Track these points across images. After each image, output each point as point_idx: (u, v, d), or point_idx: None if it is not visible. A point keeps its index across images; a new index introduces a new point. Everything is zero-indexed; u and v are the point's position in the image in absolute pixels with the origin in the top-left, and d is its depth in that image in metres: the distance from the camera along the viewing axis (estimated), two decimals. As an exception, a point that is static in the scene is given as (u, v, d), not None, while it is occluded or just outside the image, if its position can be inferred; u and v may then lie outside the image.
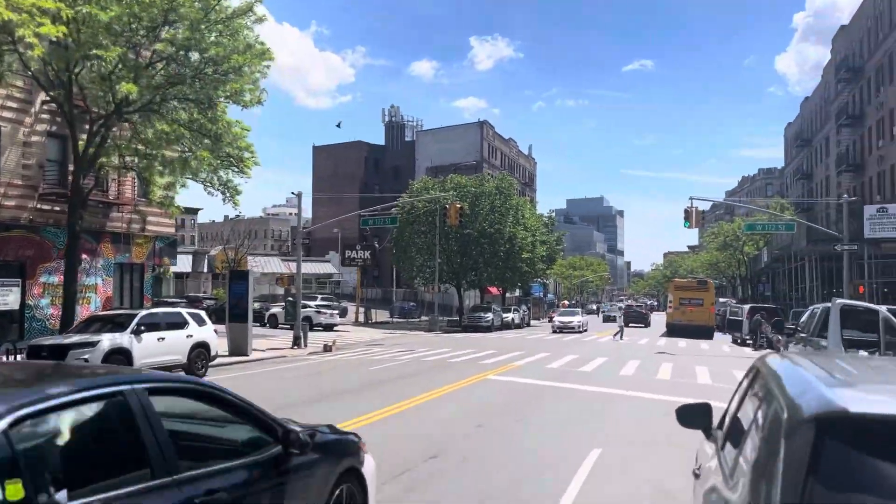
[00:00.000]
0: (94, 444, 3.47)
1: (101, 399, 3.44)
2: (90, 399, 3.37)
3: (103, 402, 3.45)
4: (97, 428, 3.47)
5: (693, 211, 30.94)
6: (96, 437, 3.49)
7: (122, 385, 3.55)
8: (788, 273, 45.09)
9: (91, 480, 3.11)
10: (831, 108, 59.87)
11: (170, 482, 3.44)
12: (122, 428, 3.48)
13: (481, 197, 51.01)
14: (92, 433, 3.45)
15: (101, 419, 3.45)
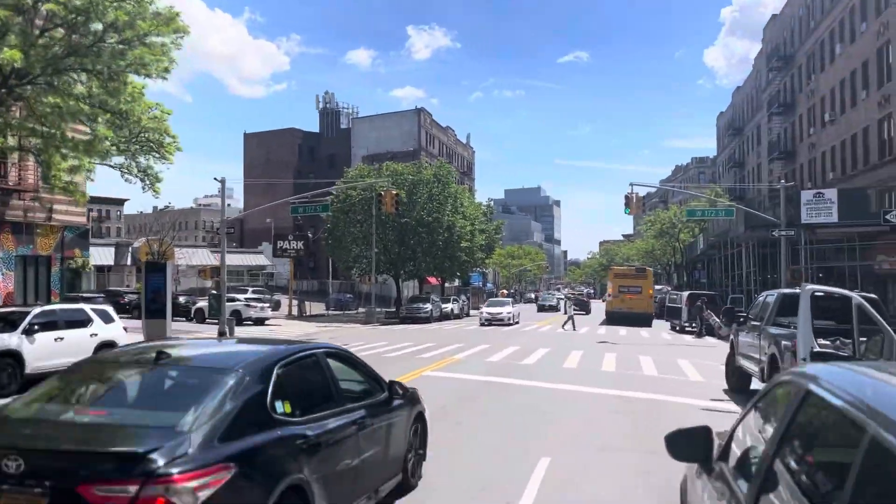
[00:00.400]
0: (308, 383, 5.46)
1: (308, 357, 5.59)
2: (304, 357, 5.52)
3: (309, 360, 5.58)
4: (308, 374, 5.50)
5: (633, 197, 30.32)
6: (308, 380, 5.48)
7: (314, 350, 5.84)
8: (724, 259, 45.32)
9: (310, 408, 5.13)
10: (763, 96, 60.75)
11: (341, 410, 5.49)
12: (319, 375, 5.59)
13: (419, 185, 49.64)
14: (307, 377, 5.48)
15: (310, 369, 5.55)
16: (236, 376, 4.64)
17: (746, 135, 68.48)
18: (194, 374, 4.99)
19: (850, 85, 38.47)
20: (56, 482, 3.73)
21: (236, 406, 4.40)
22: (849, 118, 38.61)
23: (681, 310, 37.35)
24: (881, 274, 31.56)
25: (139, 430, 4.17)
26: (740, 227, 34.37)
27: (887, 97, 33.22)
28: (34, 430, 4.30)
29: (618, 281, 44.38)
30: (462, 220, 51.78)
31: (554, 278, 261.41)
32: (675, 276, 78.99)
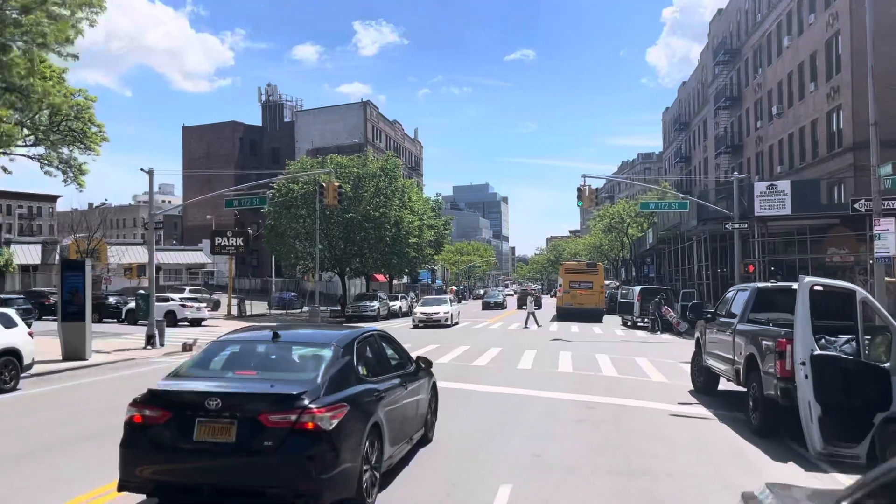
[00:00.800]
0: (372, 355, 7.68)
1: (370, 336, 7.86)
2: (368, 336, 7.81)
3: (371, 338, 7.86)
4: (371, 348, 7.73)
5: (586, 189, 29.34)
6: (372, 352, 7.73)
7: (372, 331, 8.10)
8: (674, 254, 44.94)
9: (376, 372, 7.36)
10: (709, 91, 60.90)
11: (391, 375, 7.75)
12: (377, 350, 7.90)
13: (365, 179, 47.91)
14: (371, 350, 7.73)
15: (372, 345, 7.78)
16: (334, 349, 6.82)
17: (693, 129, 68.75)
18: (304, 348, 7.10)
19: (799, 77, 38.38)
20: (243, 414, 5.85)
21: (339, 368, 6.58)
22: (797, 111, 38.52)
23: (633, 305, 36.67)
24: (832, 266, 31.36)
25: (288, 383, 6.23)
26: (692, 220, 33.81)
27: (837, 89, 33.06)
28: (219, 383, 6.33)
29: (569, 276, 43.57)
30: (410, 216, 50.28)
31: (502, 275, 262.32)
32: (623, 271, 79.06)
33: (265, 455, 5.80)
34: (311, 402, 5.95)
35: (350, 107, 78.91)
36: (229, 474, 5.89)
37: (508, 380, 15.65)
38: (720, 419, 11.42)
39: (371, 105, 79.91)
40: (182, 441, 5.94)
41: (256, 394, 6.10)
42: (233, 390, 6.16)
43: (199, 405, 5.96)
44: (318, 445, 5.86)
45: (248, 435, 5.86)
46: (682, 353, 23.03)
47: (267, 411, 5.88)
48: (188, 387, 6.35)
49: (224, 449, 5.87)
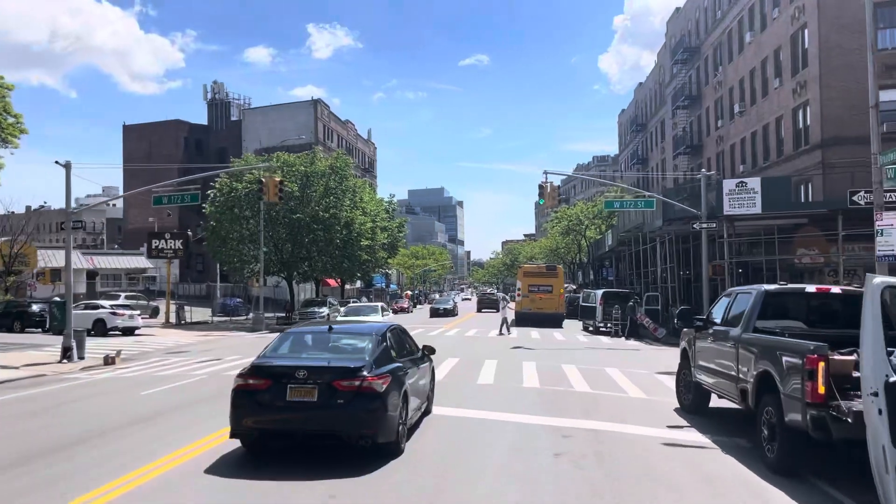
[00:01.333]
0: (397, 342, 10.03)
1: (395, 328, 10.63)
2: (394, 327, 10.64)
3: (395, 329, 10.55)
4: (396, 337, 10.17)
5: (548, 186, 27.50)
6: (397, 340, 10.13)
7: (395, 325, 10.89)
8: (635, 256, 43.56)
9: (401, 355, 9.81)
10: (667, 91, 60.05)
11: (409, 358, 10.15)
12: (399, 338, 10.37)
13: (313, 177, 45.41)
14: (396, 338, 10.19)
15: (396, 335, 10.47)
16: (374, 337, 9.55)
17: (650, 130, 67.96)
18: (352, 337, 9.92)
19: (762, 74, 37.34)
20: (322, 381, 8.32)
21: (380, 350, 9.25)
22: (760, 108, 37.47)
23: (595, 310, 35.04)
24: (801, 268, 30.16)
25: (350, 360, 8.85)
26: (657, 221, 32.32)
27: (804, 84, 31.98)
28: (300, 360, 8.98)
29: (527, 280, 41.78)
30: (362, 217, 47.92)
31: (458, 279, 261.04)
32: (580, 275, 77.91)
33: (339, 409, 8.24)
34: (368, 373, 8.48)
35: (300, 105, 76.11)
36: (314, 423, 8.36)
37: (469, 399, 13.57)
38: (722, 448, 9.52)
39: (322, 104, 77.24)
40: (278, 400, 8.35)
41: (332, 367, 8.63)
42: (314, 364, 8.69)
43: (290, 375, 8.46)
44: (374, 402, 8.33)
45: (326, 395, 8.29)
46: (653, 362, 21.30)
47: (339, 379, 8.36)
48: (282, 362, 8.94)
49: (309, 405, 8.31)
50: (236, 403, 8.58)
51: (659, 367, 19.51)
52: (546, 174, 27.07)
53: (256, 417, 8.49)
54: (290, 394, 8.36)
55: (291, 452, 8.90)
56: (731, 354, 9.90)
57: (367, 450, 8.46)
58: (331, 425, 8.38)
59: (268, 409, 8.42)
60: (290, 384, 8.39)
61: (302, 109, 75.40)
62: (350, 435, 8.38)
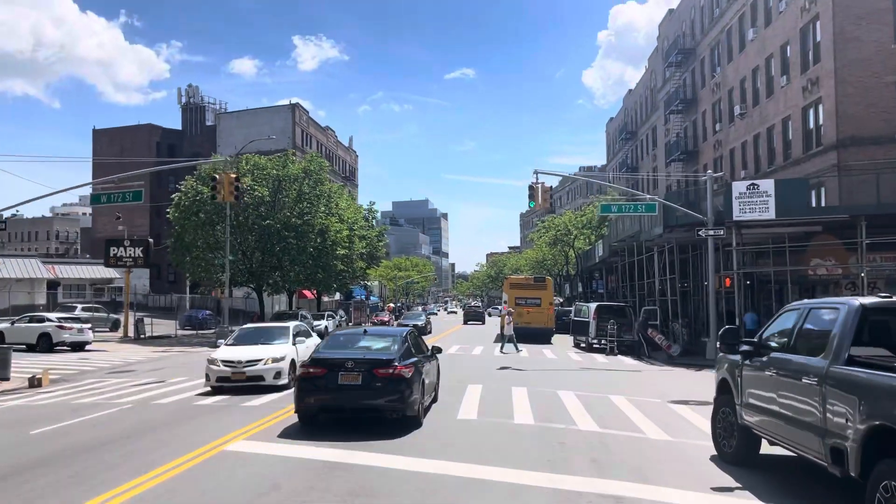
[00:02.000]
0: (415, 342, 13.16)
1: (412, 332, 13.74)
2: (411, 332, 13.70)
3: (412, 333, 13.60)
4: (414, 339, 13.33)
5: (539, 187, 24.72)
6: (415, 341, 13.32)
7: (412, 330, 14.07)
8: (628, 268, 40.87)
9: (418, 352, 12.87)
10: (659, 96, 57.75)
11: (422, 356, 12.82)
12: (416, 340, 13.43)
13: (285, 182, 42.41)
14: (415, 339, 13.46)
15: (415, 337, 13.58)
16: (398, 337, 12.55)
17: (640, 138, 65.63)
18: (382, 338, 12.80)
19: (766, 72, 34.91)
20: (365, 369, 11.19)
21: (405, 348, 12.08)
22: (764, 109, 35.00)
23: (588, 325, 32.23)
24: (815, 281, 27.57)
25: (386, 353, 11.88)
26: (656, 228, 29.61)
27: (815, 80, 29.50)
28: (348, 354, 11.84)
29: (514, 292, 38.88)
30: (338, 224, 44.92)
31: (442, 291, 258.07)
32: (568, 287, 75.14)
33: (377, 390, 11.24)
34: (398, 363, 11.53)
35: (277, 109, 73.07)
36: (359, 400, 11.37)
37: (448, 444, 10.59)
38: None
39: (300, 108, 74.23)
40: (332, 384, 11.36)
41: (371, 359, 11.71)
42: (358, 357, 11.78)
43: (341, 365, 11.49)
44: (403, 385, 11.33)
45: (368, 380, 11.27)
46: (662, 387, 18.47)
47: (377, 367, 11.39)
48: (335, 355, 12.01)
49: (355, 387, 11.31)
50: (301, 387, 11.62)
51: (671, 394, 16.68)
52: (537, 174, 24.34)
53: (316, 397, 11.50)
54: (341, 379, 11.33)
55: (335, 425, 11.92)
56: (812, 394, 7.04)
57: (396, 421, 11.53)
58: (372, 402, 11.32)
59: (324, 391, 11.43)
60: (340, 371, 11.38)
61: (279, 114, 72.40)
62: (386, 409, 11.36)
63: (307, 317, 42.48)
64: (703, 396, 16.10)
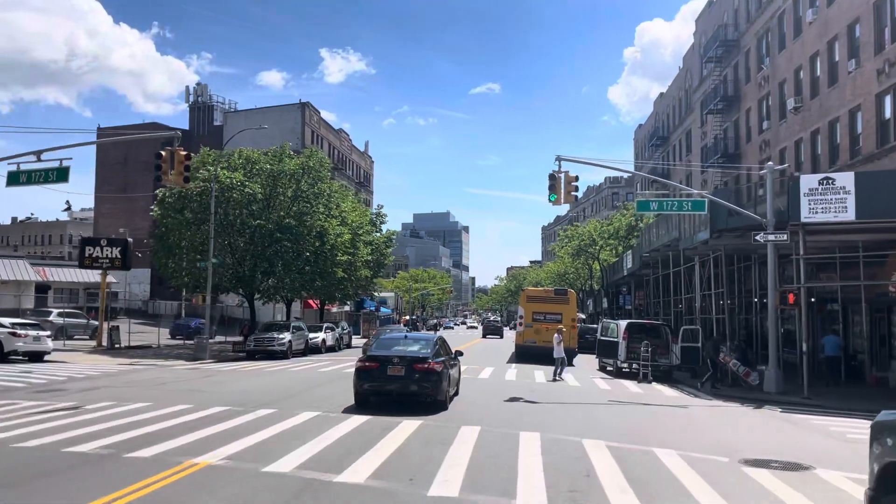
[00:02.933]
0: (444, 345, 17.52)
1: (441, 336, 18.54)
2: (440, 337, 18.33)
3: (440, 339, 17.80)
4: (443, 343, 17.59)
5: (561, 178, 20.24)
6: (444, 343, 17.66)
7: (440, 336, 18.52)
8: (661, 281, 36.23)
9: (446, 353, 17.10)
10: (694, 97, 53.06)
11: (448, 357, 17.04)
12: (444, 345, 17.58)
13: (281, 178, 38.33)
14: (444, 343, 17.79)
15: (443, 341, 17.90)
16: (432, 340, 17.01)
17: (672, 144, 60.86)
18: (420, 341, 17.01)
19: (828, 58, 30.19)
20: (407, 364, 15.19)
21: (437, 348, 16.26)
22: (825, 101, 30.26)
23: (617, 346, 27.59)
24: (893, 300, 22.73)
25: (422, 352, 15.80)
26: (700, 233, 24.97)
27: (893, 62, 24.76)
28: (393, 352, 15.84)
29: (532, 306, 34.32)
30: (339, 227, 40.73)
31: (462, 305, 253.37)
32: (591, 303, 70.13)
33: (416, 380, 14.90)
34: (432, 360, 15.22)
35: (287, 108, 69.33)
36: (403, 387, 15.04)
37: None
38: None
39: (311, 107, 70.42)
40: (382, 374, 15.13)
41: (412, 356, 15.35)
42: (402, 354, 15.50)
43: (389, 360, 15.18)
44: (435, 377, 15.03)
45: (409, 372, 14.94)
46: (718, 432, 13.87)
47: (416, 362, 15.05)
48: (384, 353, 15.69)
49: (400, 377, 14.99)
50: (359, 376, 15.64)
51: (739, 447, 12.14)
52: (559, 160, 19.85)
53: (370, 384, 15.55)
54: (389, 370, 15.29)
55: (385, 405, 15.47)
56: None
57: (429, 403, 15.35)
58: (412, 389, 15.24)
59: (376, 379, 15.44)
60: (388, 365, 15.34)
61: (289, 113, 68.66)
62: (422, 394, 15.27)
63: (302, 328, 38.29)
64: (786, 452, 11.62)
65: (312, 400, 16.88)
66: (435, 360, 15.52)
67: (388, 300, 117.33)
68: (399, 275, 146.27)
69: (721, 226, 23.28)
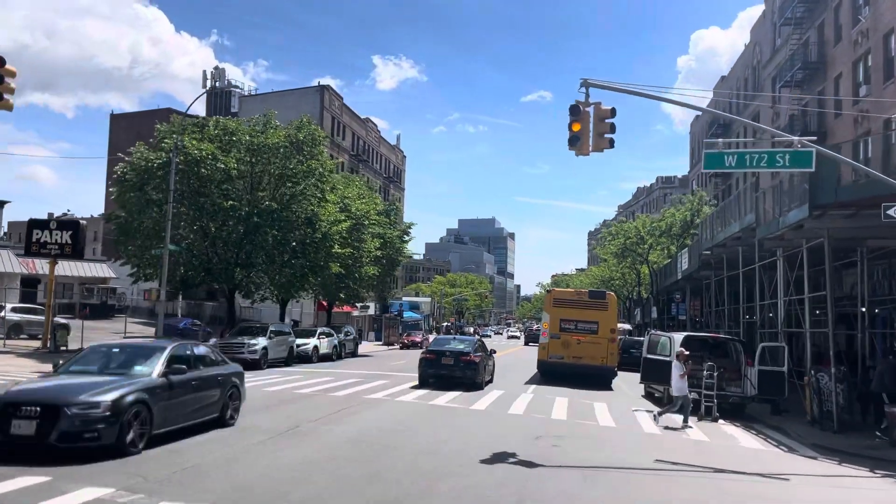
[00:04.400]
0: (481, 346, 25.36)
1: (481, 339, 33.54)
2: (481, 339, 29.07)
3: (481, 339, 29.55)
4: (482, 343, 26.07)
5: (590, 113, 13.26)
6: (482, 343, 26.09)
7: (481, 338, 37.40)
8: (728, 284, 28.77)
9: (483, 350, 24.88)
10: (764, 73, 45.25)
11: (486, 354, 24.90)
12: (482, 344, 26.04)
13: (263, 152, 32.09)
14: (481, 344, 25.92)
15: (483, 343, 26.43)
16: (473, 341, 25.12)
17: (736, 132, 52.86)
18: (465, 341, 25.09)
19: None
20: (455, 356, 22.68)
21: (476, 346, 24.18)
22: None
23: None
24: None
25: (466, 349, 23.43)
26: (793, 212, 17.61)
27: None
28: (445, 348, 23.60)
29: (560, 311, 27.01)
30: (334, 212, 34.30)
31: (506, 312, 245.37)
32: (640, 313, 62.17)
33: (461, 368, 22.11)
34: (472, 354, 22.75)
35: (305, 92, 63.46)
36: (452, 373, 22.12)
37: None
38: None
39: (331, 91, 64.41)
40: (438, 363, 22.46)
41: (457, 350, 23.00)
42: (452, 349, 23.09)
43: (444, 353, 22.83)
44: (476, 366, 22.26)
45: (456, 362, 22.21)
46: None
47: (462, 355, 22.48)
48: (440, 348, 23.47)
49: (450, 366, 22.26)
50: (422, 364, 22.75)
51: None
52: (586, 86, 12.90)
53: (430, 371, 22.38)
54: (443, 360, 22.26)
55: (441, 385, 21.76)
56: None
57: (470, 385, 21.82)
58: (459, 375, 21.89)
59: (434, 367, 22.34)
60: (442, 357, 22.36)
61: (306, 97, 62.78)
62: (465, 379, 21.90)
63: (285, 332, 31.92)
64: None
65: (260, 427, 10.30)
66: (475, 354, 22.88)
67: (422, 305, 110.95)
68: (436, 279, 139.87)
69: (826, 199, 15.92)
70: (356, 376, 25.49)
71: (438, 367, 22.25)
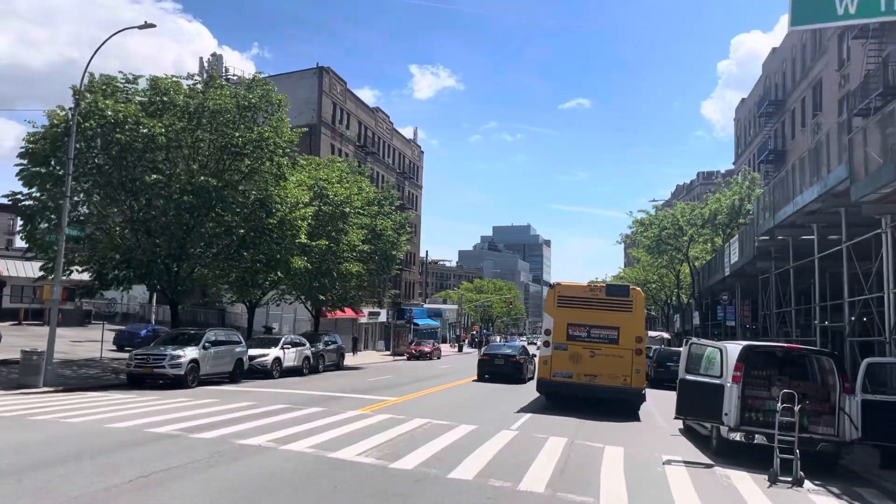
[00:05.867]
0: (523, 350, 32.79)
1: (525, 344, 39.53)
2: (525, 345, 36.71)
3: (525, 346, 36.61)
4: (524, 348, 33.54)
5: None
6: (524, 348, 33.90)
7: (525, 344, 39.21)
8: (792, 279, 21.63)
9: (525, 354, 31.90)
10: (827, 33, 37.81)
11: (526, 356, 31.59)
12: (525, 348, 33.82)
13: (203, 117, 25.95)
14: (525, 347, 34.15)
15: (526, 348, 34.04)
16: (520, 346, 33.18)
17: (791, 107, 45.34)
18: (512, 346, 33.06)
19: None
20: (506, 358, 30.15)
21: (521, 350, 32.01)
22: None
23: (721, 391, 13.30)
24: None
25: (513, 353, 30.94)
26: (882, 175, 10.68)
27: None
28: (499, 351, 31.66)
29: (566, 314, 19.82)
30: (296, 193, 28.02)
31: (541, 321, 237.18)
32: (679, 319, 54.37)
33: (510, 367, 29.42)
34: (518, 357, 30.09)
35: (302, 75, 57.51)
36: (505, 371, 29.23)
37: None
38: None
39: (332, 74, 58.33)
40: (494, 363, 29.77)
41: (507, 354, 30.60)
42: (503, 353, 30.92)
43: (496, 356, 30.32)
44: (519, 366, 29.54)
45: (507, 363, 29.71)
46: None
47: (510, 357, 29.95)
48: (494, 352, 31.08)
49: (503, 366, 29.52)
50: (480, 364, 29.98)
51: None
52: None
53: (487, 370, 29.35)
54: (496, 361, 29.68)
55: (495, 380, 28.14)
56: None
57: (517, 380, 28.35)
58: (510, 373, 28.89)
59: (490, 366, 29.49)
60: (495, 358, 29.88)
61: (304, 80, 56.90)
62: (512, 376, 28.68)
63: (234, 341, 25.63)
64: None
65: None
66: (521, 357, 30.07)
67: (446, 312, 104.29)
68: (462, 284, 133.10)
69: None
70: (298, 400, 18.86)
71: (492, 366, 29.59)
